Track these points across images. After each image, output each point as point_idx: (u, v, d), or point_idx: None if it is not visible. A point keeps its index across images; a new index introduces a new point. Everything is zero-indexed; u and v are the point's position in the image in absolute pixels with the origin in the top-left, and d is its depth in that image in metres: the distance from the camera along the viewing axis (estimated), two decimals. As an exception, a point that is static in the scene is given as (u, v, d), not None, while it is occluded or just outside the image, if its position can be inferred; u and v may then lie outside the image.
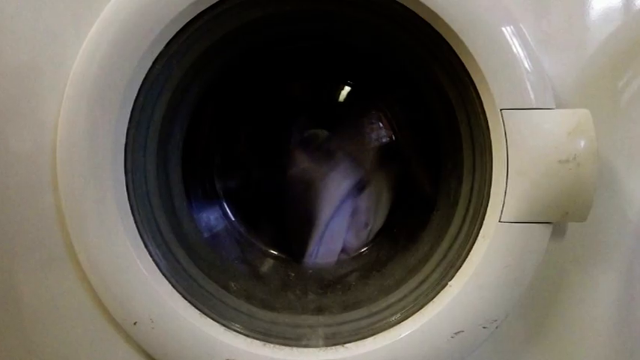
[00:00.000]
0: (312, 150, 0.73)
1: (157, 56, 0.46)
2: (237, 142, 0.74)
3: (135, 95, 0.46)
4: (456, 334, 0.46)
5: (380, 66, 0.67)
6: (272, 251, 0.72)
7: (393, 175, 0.73)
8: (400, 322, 0.48)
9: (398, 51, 0.58)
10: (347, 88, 0.76)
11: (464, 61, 0.45)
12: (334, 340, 0.49)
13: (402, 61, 0.60)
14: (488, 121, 0.46)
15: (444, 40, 0.45)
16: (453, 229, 0.52)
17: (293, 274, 0.67)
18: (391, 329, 0.48)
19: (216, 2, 0.46)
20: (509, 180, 0.45)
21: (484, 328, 0.46)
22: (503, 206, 0.46)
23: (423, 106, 0.62)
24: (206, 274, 0.54)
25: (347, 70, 0.74)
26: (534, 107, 0.44)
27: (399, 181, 0.73)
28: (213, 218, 0.69)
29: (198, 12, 0.46)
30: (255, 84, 0.72)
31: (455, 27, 0.44)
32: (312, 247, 0.71)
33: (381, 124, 0.75)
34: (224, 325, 0.49)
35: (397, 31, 0.50)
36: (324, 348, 0.48)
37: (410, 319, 0.48)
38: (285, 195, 0.73)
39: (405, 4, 0.45)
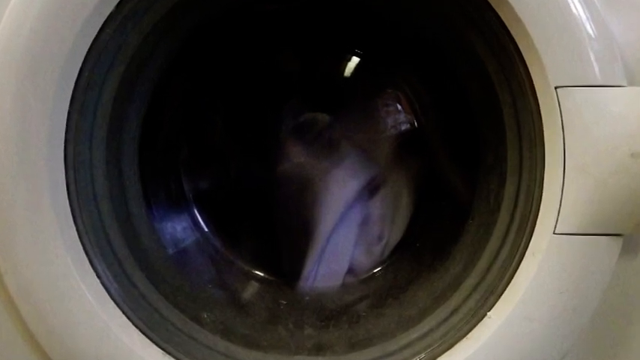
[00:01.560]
0: (310, 140, 0.73)
1: (107, 18, 0.46)
2: (212, 130, 0.74)
3: (78, 69, 0.46)
4: (497, 380, 0.46)
5: (398, 30, 0.67)
6: (257, 272, 0.72)
7: (415, 173, 0.73)
8: (424, 365, 0.48)
9: (421, 11, 0.58)
10: (354, 60, 0.76)
11: (507, 25, 0.45)
12: (338, 388, 0.49)
13: (427, 25, 0.60)
14: (540, 103, 0.46)
15: (481, -4, 0.45)
16: (493, 244, 0.52)
17: (284, 302, 0.67)
18: (413, 374, 0.48)
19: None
20: (566, 179, 0.45)
21: (534, 372, 0.46)
22: (558, 213, 0.46)
23: (454, 83, 0.62)
24: (171, 301, 0.54)
25: (354, 36, 0.74)
26: (599, 84, 0.44)
27: (422, 181, 0.73)
28: (181, 229, 0.69)
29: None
30: (234, 55, 0.72)
31: (496, -21, 0.44)
32: (309, 267, 0.71)
33: (399, 107, 0.75)
34: (195, 368, 0.49)
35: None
36: (324, 399, 0.48)
37: (437, 360, 0.48)
38: (274, 199, 0.73)
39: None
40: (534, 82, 0.46)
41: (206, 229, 0.73)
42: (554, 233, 0.46)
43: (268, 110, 0.74)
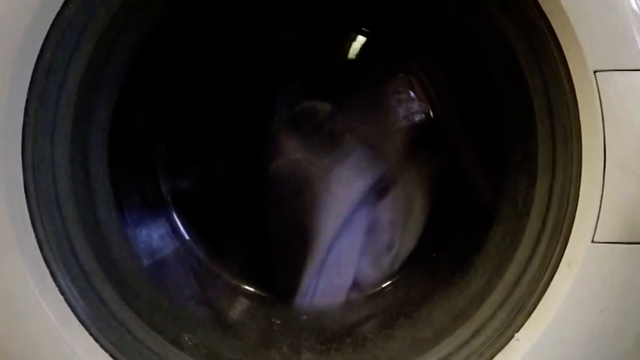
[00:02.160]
0: (308, 133, 0.73)
1: (72, -10, 0.46)
2: (194, 122, 0.74)
3: (38, 49, 0.46)
4: (526, 412, 0.46)
5: (411, 5, 0.67)
6: (246, 287, 0.72)
7: (431, 172, 0.73)
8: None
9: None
10: (360, 40, 0.76)
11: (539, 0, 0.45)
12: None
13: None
14: (576, 90, 0.46)
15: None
16: (521, 254, 0.52)
17: (278, 322, 0.67)
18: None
19: None
20: (606, 178, 0.45)
21: (569, 403, 0.46)
22: (597, 218, 0.45)
23: (476, 67, 0.62)
24: (146, 321, 0.54)
25: (361, 11, 0.74)
26: (646, 68, 0.44)
27: (439, 181, 0.72)
28: (158, 237, 0.69)
29: None
30: (219, 33, 0.72)
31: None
32: (307, 281, 0.71)
33: (412, 94, 0.75)
34: (174, 399, 0.49)
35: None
36: None
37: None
38: (266, 202, 0.73)
39: None
40: (570, 66, 0.46)
41: (187, 237, 0.73)
42: (592, 241, 0.46)
43: (259, 98, 0.74)
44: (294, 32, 0.75)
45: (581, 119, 0.46)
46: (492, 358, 0.48)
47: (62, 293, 0.48)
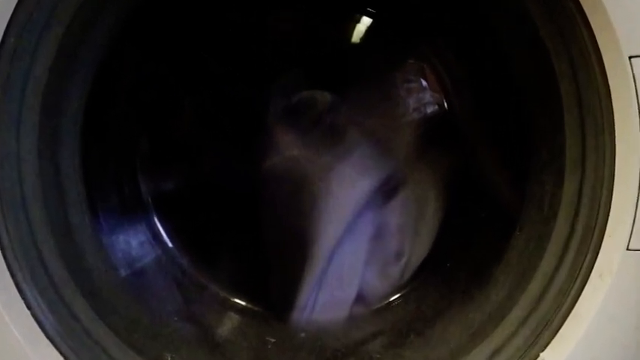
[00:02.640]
0: (307, 126, 0.73)
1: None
2: (178, 114, 0.74)
3: (1, 32, 0.46)
4: None
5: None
6: (237, 300, 0.72)
7: (445, 171, 0.73)
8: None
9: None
10: (365, 21, 0.76)
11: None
12: None
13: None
14: (608, 77, 0.46)
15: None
16: (547, 263, 0.52)
17: (273, 341, 0.67)
18: None
19: None
20: (644, 177, 0.45)
21: None
22: (633, 223, 0.46)
23: (497, 52, 0.62)
24: (124, 339, 0.54)
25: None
26: (687, 53, 0.44)
27: (454, 181, 0.72)
28: (137, 244, 0.69)
29: None
30: (207, 15, 0.72)
31: None
32: (305, 294, 0.71)
33: (424, 83, 0.75)
34: None
35: None
36: None
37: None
38: (259, 204, 0.73)
39: None
40: (602, 51, 0.46)
41: (170, 244, 0.73)
42: (627, 249, 0.46)
43: (252, 88, 0.74)
44: (290, 12, 0.75)
45: (614, 109, 0.46)
46: (515, 380, 0.49)
47: (29, 307, 0.48)
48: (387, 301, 0.72)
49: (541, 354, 0.48)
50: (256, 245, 0.73)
